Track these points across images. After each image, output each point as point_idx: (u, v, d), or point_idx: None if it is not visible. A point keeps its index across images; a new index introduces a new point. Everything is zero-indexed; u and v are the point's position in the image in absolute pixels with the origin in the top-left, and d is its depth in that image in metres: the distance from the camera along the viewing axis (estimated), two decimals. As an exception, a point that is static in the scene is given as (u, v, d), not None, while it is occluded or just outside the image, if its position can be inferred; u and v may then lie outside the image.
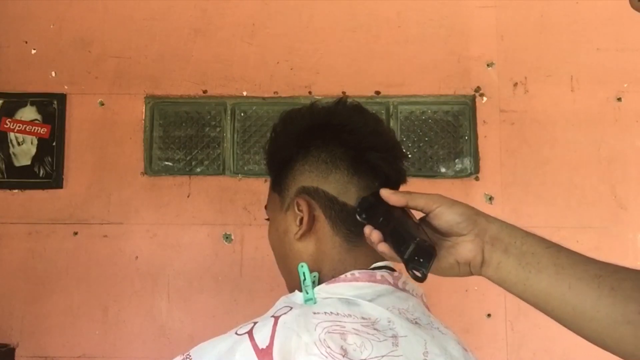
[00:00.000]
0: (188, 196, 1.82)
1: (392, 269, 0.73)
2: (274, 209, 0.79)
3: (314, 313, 0.63)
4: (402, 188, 0.76)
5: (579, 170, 1.80)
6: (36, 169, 1.84)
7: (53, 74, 1.87)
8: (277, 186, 0.78)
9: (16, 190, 1.84)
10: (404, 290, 0.71)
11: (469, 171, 1.81)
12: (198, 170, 1.83)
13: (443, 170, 1.82)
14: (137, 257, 1.80)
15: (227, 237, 1.80)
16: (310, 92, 1.84)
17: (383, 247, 0.66)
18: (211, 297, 1.78)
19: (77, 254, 1.81)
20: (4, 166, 1.84)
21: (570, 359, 1.73)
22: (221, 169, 1.83)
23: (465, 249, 0.64)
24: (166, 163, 1.84)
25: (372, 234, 0.67)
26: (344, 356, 0.58)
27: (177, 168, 1.84)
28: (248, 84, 1.85)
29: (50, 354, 1.78)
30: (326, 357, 0.57)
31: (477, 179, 1.80)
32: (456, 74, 1.84)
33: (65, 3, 1.89)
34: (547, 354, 1.74)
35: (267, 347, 0.58)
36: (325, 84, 1.84)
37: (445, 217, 0.65)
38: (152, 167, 1.83)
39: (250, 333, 0.61)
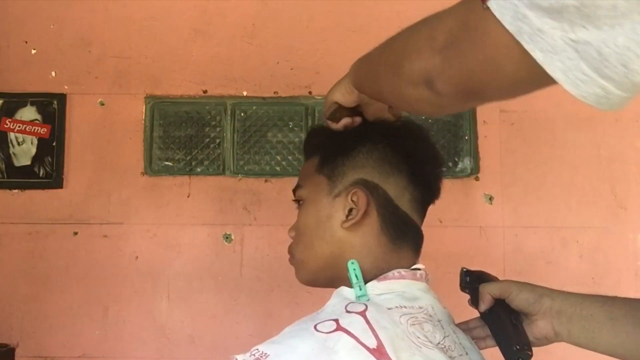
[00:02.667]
0: (188, 196, 1.82)
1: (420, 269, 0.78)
2: (317, 191, 0.79)
3: (388, 309, 0.67)
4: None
5: (579, 170, 1.80)
6: (36, 169, 1.84)
7: (53, 74, 1.87)
8: (329, 170, 0.79)
9: (16, 190, 1.84)
10: (431, 289, 0.77)
11: (469, 171, 1.81)
12: (198, 170, 1.83)
13: (443, 170, 1.82)
14: (137, 257, 1.80)
15: (227, 237, 1.80)
16: (310, 92, 1.84)
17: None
18: (211, 297, 1.78)
19: (77, 254, 1.81)
20: (4, 166, 1.84)
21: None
22: (221, 169, 1.83)
23: (538, 326, 0.75)
24: (166, 163, 1.84)
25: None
26: (429, 342, 0.64)
27: (177, 168, 1.84)
28: (248, 84, 1.85)
29: (50, 354, 1.78)
30: (420, 347, 0.62)
31: (477, 179, 1.80)
32: (456, 74, 1.84)
33: (65, 3, 1.89)
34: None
35: (377, 346, 0.60)
36: (325, 84, 1.82)
37: (515, 303, 0.77)
38: (152, 167, 1.83)
39: (345, 330, 0.61)
